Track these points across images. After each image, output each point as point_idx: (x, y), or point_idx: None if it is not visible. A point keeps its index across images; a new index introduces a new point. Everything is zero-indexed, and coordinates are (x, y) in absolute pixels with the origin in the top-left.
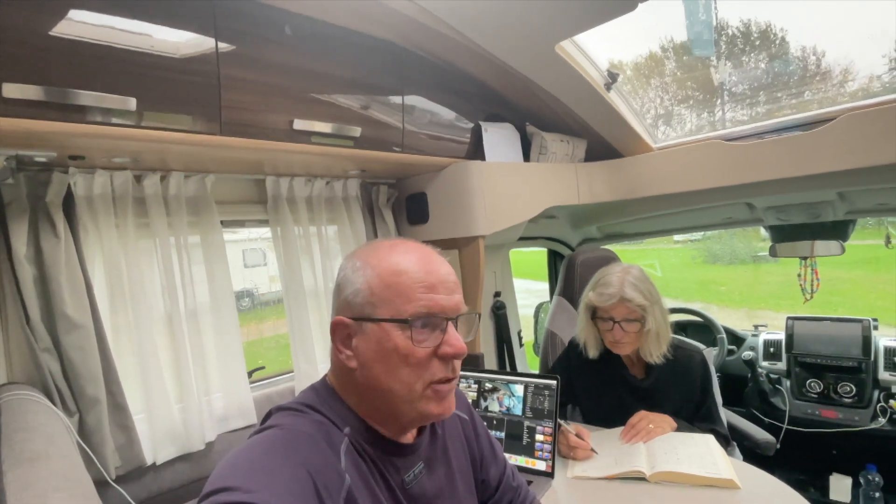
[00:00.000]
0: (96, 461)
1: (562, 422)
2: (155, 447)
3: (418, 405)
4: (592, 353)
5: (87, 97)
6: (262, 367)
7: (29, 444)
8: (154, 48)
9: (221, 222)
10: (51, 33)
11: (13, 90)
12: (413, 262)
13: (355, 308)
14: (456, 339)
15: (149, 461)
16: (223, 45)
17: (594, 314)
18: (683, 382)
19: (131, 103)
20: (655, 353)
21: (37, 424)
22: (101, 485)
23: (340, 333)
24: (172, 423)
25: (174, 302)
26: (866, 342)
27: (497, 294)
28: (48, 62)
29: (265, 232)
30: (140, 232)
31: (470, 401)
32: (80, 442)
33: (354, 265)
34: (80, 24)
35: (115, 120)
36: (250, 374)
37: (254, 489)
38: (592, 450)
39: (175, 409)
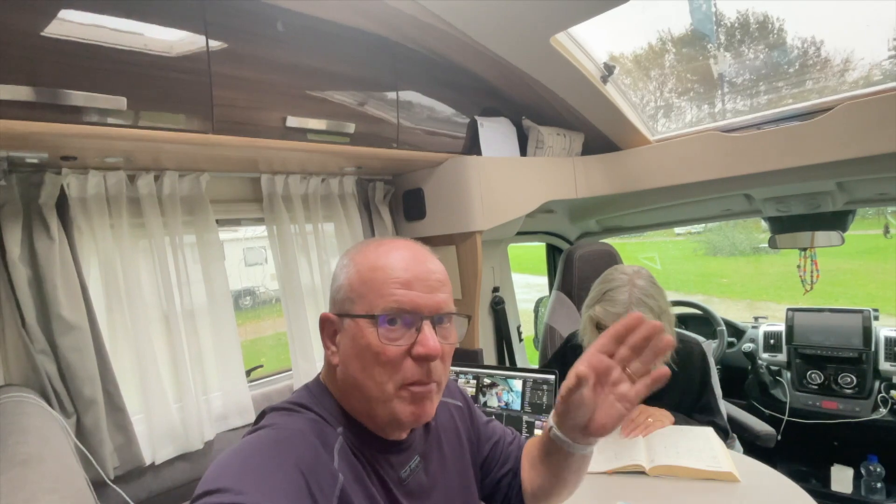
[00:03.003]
0: (94, 462)
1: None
2: (153, 447)
3: (391, 406)
4: None
5: (76, 97)
6: (261, 366)
7: (22, 446)
8: (144, 47)
9: (217, 221)
10: (40, 33)
11: (2, 91)
12: (394, 258)
13: (337, 304)
14: (429, 339)
15: (147, 461)
16: (214, 43)
17: (598, 325)
18: (682, 376)
19: (122, 102)
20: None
21: (31, 426)
22: (99, 485)
23: (327, 329)
24: (171, 423)
25: (171, 302)
26: (867, 333)
27: (496, 289)
28: (38, 62)
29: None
30: (135, 232)
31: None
32: (78, 443)
33: (343, 262)
34: (70, 24)
35: (105, 120)
36: (249, 372)
37: (245, 490)
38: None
39: (173, 408)
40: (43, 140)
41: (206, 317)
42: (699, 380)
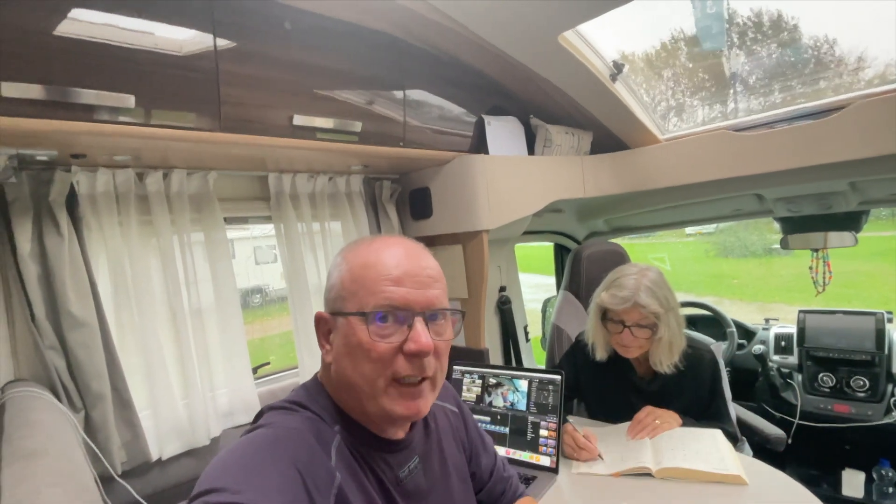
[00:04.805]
0: (101, 457)
1: (569, 419)
2: (160, 443)
3: (381, 402)
4: (600, 354)
5: (85, 95)
6: (268, 363)
7: (28, 440)
8: (154, 45)
9: (225, 219)
10: (52, 32)
11: (12, 89)
12: (386, 255)
13: (330, 303)
14: (421, 335)
15: (154, 457)
16: (221, 41)
17: (604, 315)
18: (692, 384)
19: (129, 101)
20: (666, 362)
21: (38, 421)
22: (106, 480)
23: (322, 328)
24: (177, 419)
25: (178, 299)
26: (880, 335)
27: (502, 289)
28: (48, 61)
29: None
30: (143, 230)
31: (474, 396)
32: (86, 438)
33: (336, 261)
34: (81, 23)
35: (114, 118)
36: (255, 370)
37: (242, 489)
38: (599, 455)
39: (180, 405)
40: (53, 137)
41: (213, 314)
42: (709, 387)
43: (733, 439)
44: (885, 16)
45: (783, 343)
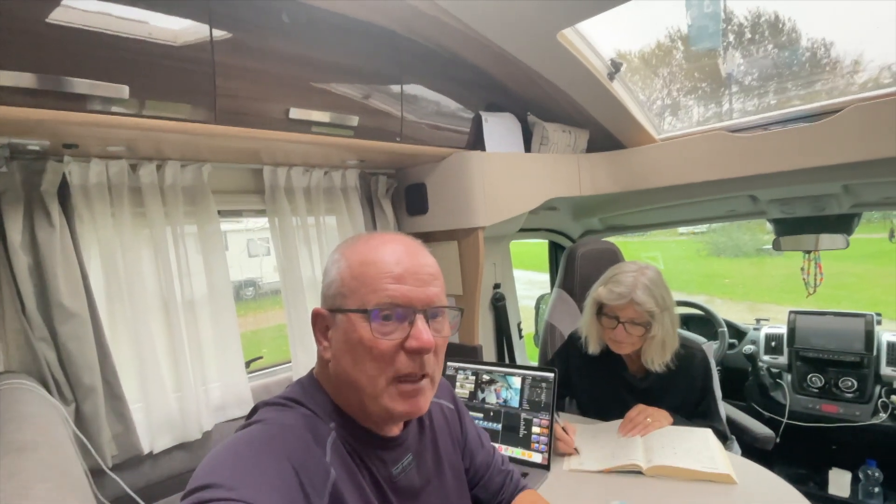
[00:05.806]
0: (92, 450)
1: (557, 418)
2: (152, 436)
3: (382, 401)
4: (593, 348)
5: (78, 84)
6: (261, 357)
7: (18, 433)
8: (148, 35)
9: (219, 212)
10: (45, 20)
11: (4, 77)
12: (385, 253)
13: (329, 299)
14: (423, 332)
15: (146, 450)
16: (218, 32)
17: (600, 310)
18: (683, 382)
19: (123, 91)
20: (658, 360)
21: (29, 414)
22: (97, 473)
23: (320, 324)
24: (169, 413)
25: (171, 291)
26: (869, 337)
27: (497, 286)
28: (41, 49)
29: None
30: (136, 221)
31: (467, 392)
32: (76, 431)
33: (334, 257)
34: (74, 11)
35: (107, 108)
36: (248, 363)
37: (236, 485)
38: (575, 449)
39: (172, 398)
40: (45, 127)
41: (206, 307)
42: (700, 385)
43: (723, 438)
44: (882, 20)
45: (773, 343)
